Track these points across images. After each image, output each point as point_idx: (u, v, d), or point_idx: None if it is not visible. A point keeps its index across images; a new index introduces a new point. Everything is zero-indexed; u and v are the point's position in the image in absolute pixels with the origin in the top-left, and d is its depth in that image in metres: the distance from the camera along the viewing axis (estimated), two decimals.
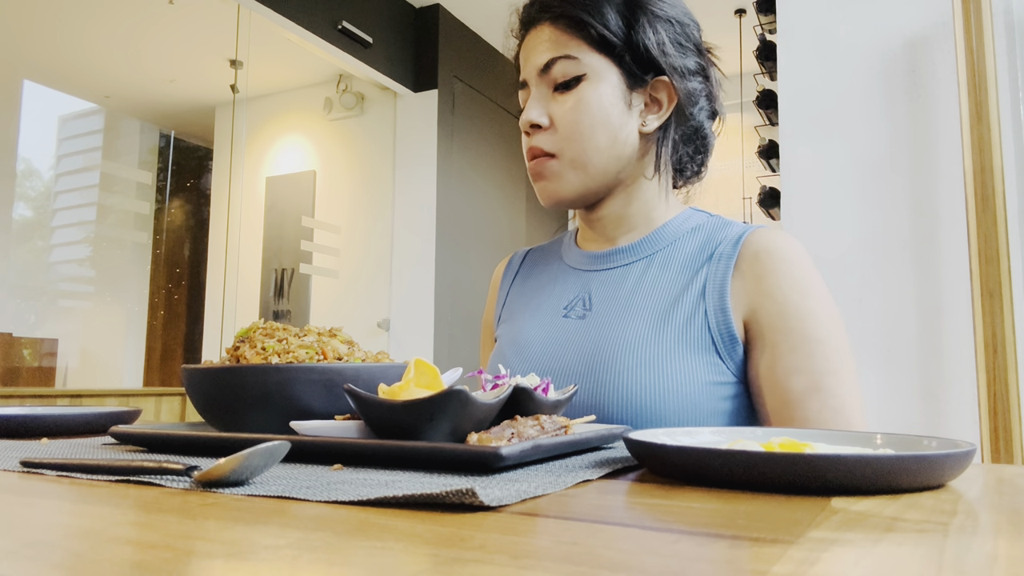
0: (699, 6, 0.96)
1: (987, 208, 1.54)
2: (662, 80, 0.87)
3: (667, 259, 0.88)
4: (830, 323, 0.79)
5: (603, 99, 0.85)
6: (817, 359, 0.77)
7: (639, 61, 0.85)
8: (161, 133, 4.59)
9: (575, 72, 0.85)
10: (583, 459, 0.52)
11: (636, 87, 0.87)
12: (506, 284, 1.04)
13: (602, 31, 0.84)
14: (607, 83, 0.85)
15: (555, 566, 0.24)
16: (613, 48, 0.85)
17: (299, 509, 0.35)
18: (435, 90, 4.06)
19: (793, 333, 0.78)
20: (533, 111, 0.86)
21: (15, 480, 0.44)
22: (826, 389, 0.76)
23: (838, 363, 0.77)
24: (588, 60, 0.85)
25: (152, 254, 4.39)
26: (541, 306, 0.94)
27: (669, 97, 0.88)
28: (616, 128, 0.85)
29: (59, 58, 3.89)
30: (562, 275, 0.96)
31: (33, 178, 4.03)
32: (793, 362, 0.77)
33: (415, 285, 3.97)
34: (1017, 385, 1.48)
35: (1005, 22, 1.65)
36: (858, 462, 0.38)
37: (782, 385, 0.77)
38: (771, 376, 0.78)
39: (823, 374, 0.76)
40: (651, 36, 0.85)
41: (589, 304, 0.89)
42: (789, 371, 0.77)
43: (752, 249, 0.83)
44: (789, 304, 0.79)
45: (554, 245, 1.04)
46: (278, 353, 0.62)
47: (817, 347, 0.77)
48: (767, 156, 3.52)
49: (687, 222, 0.91)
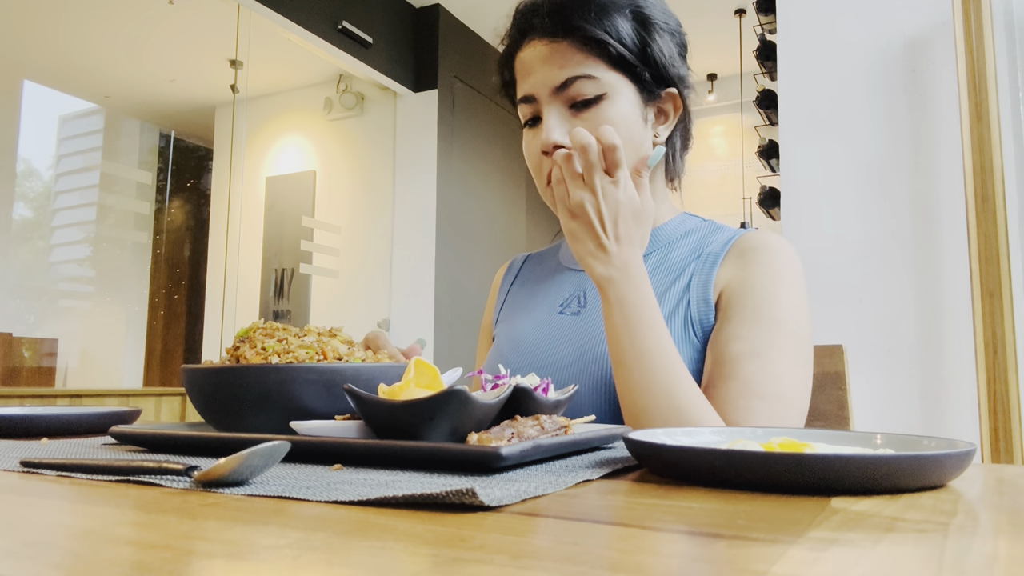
0: (699, 6, 0.96)
1: (987, 208, 1.54)
2: (671, 92, 0.88)
3: (660, 259, 0.89)
4: (789, 309, 0.80)
5: (625, 117, 0.84)
6: (765, 333, 0.77)
7: (655, 77, 0.86)
8: (161, 133, 4.59)
9: (595, 92, 0.83)
10: (583, 459, 0.52)
11: (650, 101, 0.87)
12: (505, 287, 1.06)
13: (620, 49, 0.83)
14: (626, 100, 0.85)
15: (555, 566, 0.24)
16: (631, 66, 0.84)
17: (299, 509, 0.35)
18: (435, 90, 4.07)
19: (749, 309, 0.79)
20: (555, 132, 0.83)
21: (15, 480, 0.44)
22: (766, 358, 0.75)
23: (784, 342, 0.77)
24: (606, 78, 0.83)
25: (152, 254, 4.39)
26: (538, 304, 0.95)
27: (675, 107, 0.89)
28: (638, 144, 0.85)
29: (59, 58, 3.89)
30: (559, 275, 0.98)
31: (33, 178, 4.04)
32: (740, 331, 0.77)
33: (415, 285, 3.97)
34: (1017, 385, 1.48)
35: (1005, 22, 1.65)
36: (858, 462, 0.38)
37: (722, 347, 0.77)
38: (717, 340, 0.79)
39: (766, 347, 0.76)
40: (664, 51, 0.86)
41: (584, 301, 0.90)
42: (732, 337, 0.77)
43: (741, 246, 0.85)
44: (757, 286, 0.80)
45: (553, 250, 1.06)
46: (278, 353, 0.62)
47: (767, 324, 0.77)
48: (767, 156, 3.52)
49: (681, 225, 0.93)
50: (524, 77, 0.88)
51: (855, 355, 1.65)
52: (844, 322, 1.71)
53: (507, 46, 0.91)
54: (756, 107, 3.47)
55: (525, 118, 0.89)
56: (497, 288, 1.08)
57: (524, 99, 0.88)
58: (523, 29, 0.88)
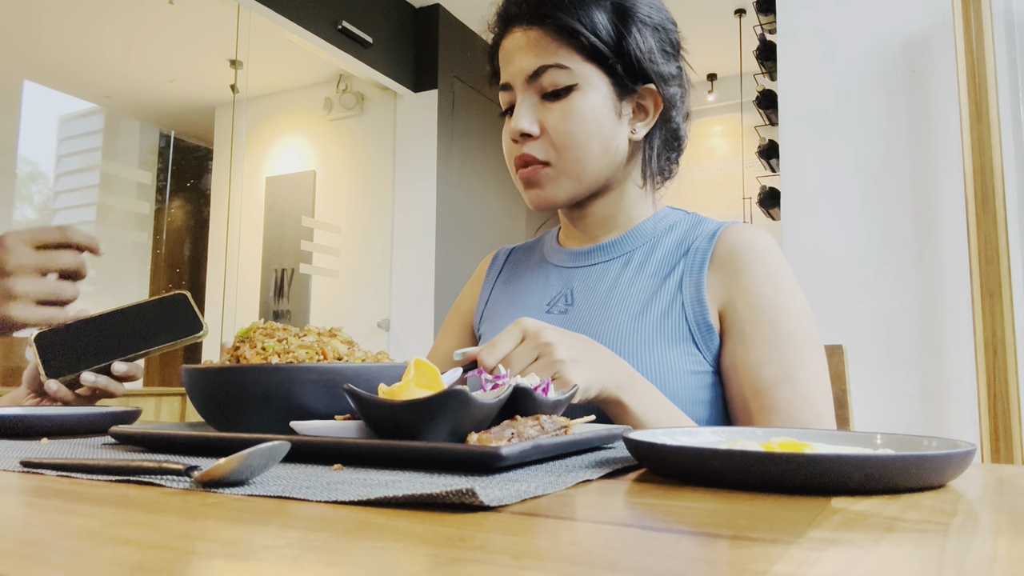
0: (699, 6, 0.95)
1: (987, 208, 1.54)
2: (649, 88, 0.87)
3: (646, 256, 0.90)
4: (800, 316, 0.81)
5: (595, 109, 0.84)
6: (788, 350, 0.79)
7: (629, 71, 0.85)
8: (161, 133, 4.59)
9: (566, 82, 0.83)
10: (583, 459, 0.52)
11: (625, 96, 0.87)
12: (490, 281, 1.06)
13: (593, 40, 0.83)
14: (598, 93, 0.85)
15: (555, 566, 0.24)
16: (604, 58, 0.84)
17: (299, 509, 0.35)
18: (435, 90, 4.07)
19: (764, 324, 0.80)
20: (524, 120, 0.85)
21: (15, 480, 0.44)
22: (797, 379, 0.78)
23: (807, 355, 0.79)
24: (579, 69, 0.84)
25: (152, 254, 4.38)
26: (524, 302, 0.96)
27: (655, 104, 0.89)
28: (608, 138, 0.85)
29: (59, 58, 3.89)
30: (545, 273, 0.98)
31: (33, 178, 4.04)
32: (765, 352, 0.79)
33: (415, 285, 3.97)
34: (1017, 385, 1.48)
35: (1005, 22, 1.65)
36: (858, 462, 0.38)
37: (755, 375, 0.79)
38: (745, 365, 0.80)
39: (794, 364, 0.78)
40: (641, 46, 0.85)
41: (571, 299, 0.91)
42: (761, 361, 0.79)
43: (727, 244, 0.85)
44: (763, 297, 0.81)
45: (538, 244, 1.06)
46: (278, 353, 0.62)
47: (788, 339, 0.79)
48: (767, 156, 3.52)
49: (664, 220, 0.93)
50: (504, 66, 0.89)
51: (855, 355, 1.65)
52: (844, 322, 1.71)
53: (493, 36, 0.92)
54: (756, 107, 3.47)
55: (504, 106, 0.90)
56: (481, 280, 1.07)
57: (502, 87, 0.89)
58: (506, 18, 0.89)
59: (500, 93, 0.90)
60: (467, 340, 1.05)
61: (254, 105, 4.37)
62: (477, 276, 1.09)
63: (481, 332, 1.01)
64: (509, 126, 0.87)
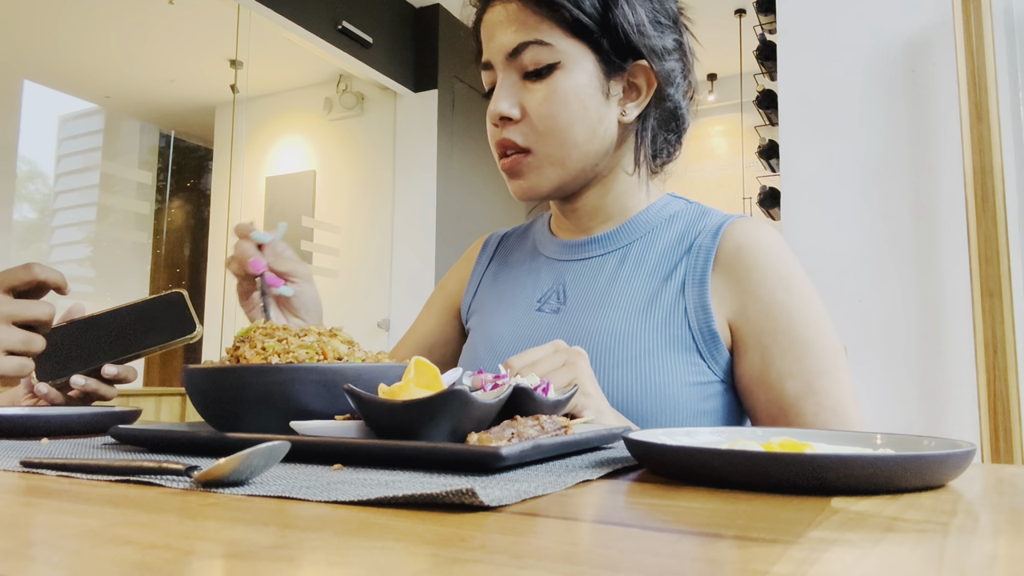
0: (699, 6, 0.94)
1: (987, 208, 1.54)
2: (640, 64, 0.80)
3: (644, 250, 0.84)
4: (818, 321, 0.76)
5: (580, 90, 0.77)
6: (808, 360, 0.74)
7: (616, 46, 0.78)
8: (161, 133, 4.59)
9: (548, 60, 0.77)
10: (583, 459, 0.52)
11: (614, 74, 0.80)
12: (479, 269, 0.99)
13: (576, 13, 0.76)
14: (583, 71, 0.78)
15: (555, 566, 0.24)
16: (589, 33, 0.77)
17: (299, 509, 0.35)
18: (435, 90, 4.07)
19: (781, 335, 0.75)
20: (503, 103, 0.78)
21: (15, 480, 0.44)
22: (821, 390, 0.74)
23: (829, 362, 0.75)
24: (562, 46, 0.77)
25: (152, 254, 4.39)
26: (515, 299, 0.90)
27: (648, 82, 0.81)
28: (594, 121, 0.79)
29: (59, 58, 3.89)
30: (536, 265, 0.91)
31: (33, 178, 4.04)
32: (785, 366, 0.74)
33: (415, 285, 3.97)
34: (1017, 385, 1.48)
35: (1005, 22, 1.65)
36: (858, 462, 0.38)
37: (777, 390, 0.75)
38: (765, 381, 0.75)
39: (816, 375, 0.74)
40: (629, 18, 0.77)
41: (563, 297, 0.85)
42: (782, 375, 0.74)
43: (732, 243, 0.79)
44: (776, 304, 0.76)
45: (529, 231, 0.99)
46: (278, 353, 0.62)
47: (807, 348, 0.75)
48: (767, 156, 3.52)
49: (664, 210, 0.87)
50: (485, 43, 0.83)
51: (855, 355, 1.65)
52: (844, 322, 1.71)
53: (476, 11, 0.86)
54: (756, 107, 3.47)
55: (487, 87, 0.84)
56: (471, 265, 1.01)
57: (484, 66, 0.83)
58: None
59: (482, 73, 0.83)
60: (449, 321, 1.00)
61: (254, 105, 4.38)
62: (467, 260, 1.02)
63: (470, 326, 0.95)
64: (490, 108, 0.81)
